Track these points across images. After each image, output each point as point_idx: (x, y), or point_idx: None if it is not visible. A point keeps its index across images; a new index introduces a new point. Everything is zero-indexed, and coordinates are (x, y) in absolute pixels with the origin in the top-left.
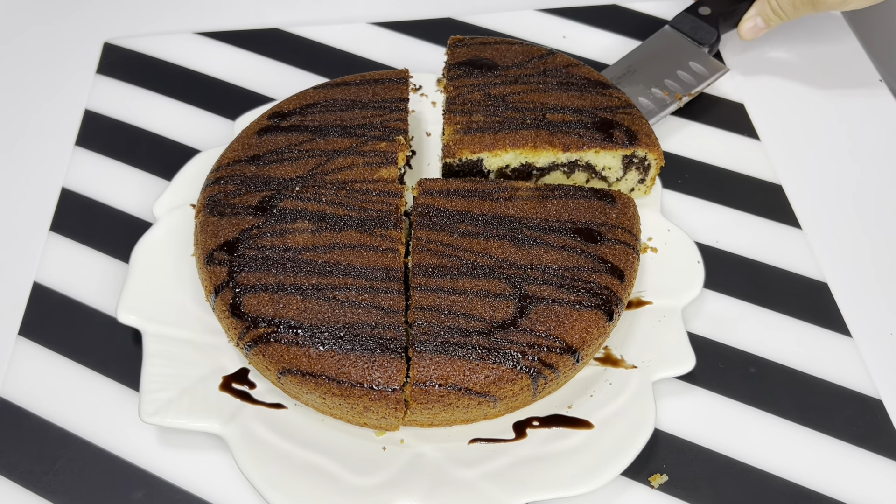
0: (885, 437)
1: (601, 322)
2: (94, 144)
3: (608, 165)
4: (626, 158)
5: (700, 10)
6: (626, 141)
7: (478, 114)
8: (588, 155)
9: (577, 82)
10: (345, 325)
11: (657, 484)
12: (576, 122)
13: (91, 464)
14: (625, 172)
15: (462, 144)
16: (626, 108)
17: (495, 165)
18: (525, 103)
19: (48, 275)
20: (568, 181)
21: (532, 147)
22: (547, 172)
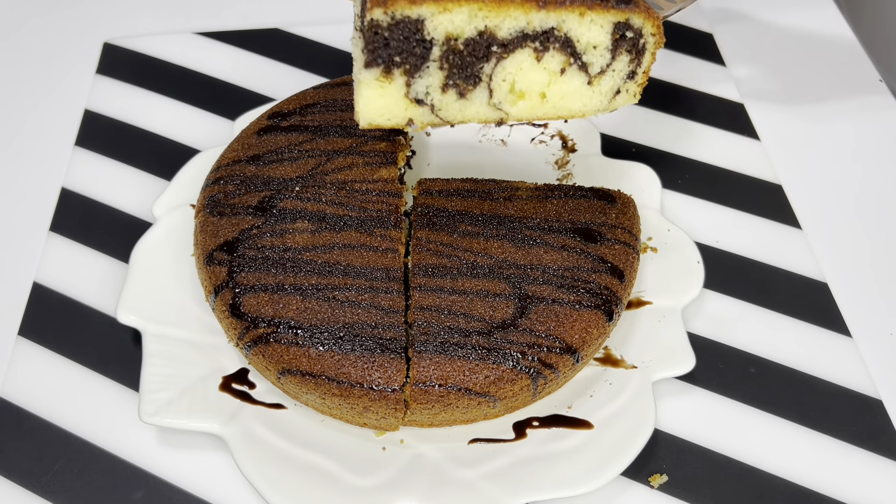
0: (885, 438)
1: (601, 322)
2: (93, 144)
3: (593, 42)
4: (617, 29)
5: None
6: (619, 1)
7: None
8: (570, 18)
9: None
10: (344, 326)
11: (657, 484)
12: None
13: (91, 464)
14: (613, 56)
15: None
16: None
17: (442, 30)
18: None
19: (48, 275)
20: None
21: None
22: (511, 49)
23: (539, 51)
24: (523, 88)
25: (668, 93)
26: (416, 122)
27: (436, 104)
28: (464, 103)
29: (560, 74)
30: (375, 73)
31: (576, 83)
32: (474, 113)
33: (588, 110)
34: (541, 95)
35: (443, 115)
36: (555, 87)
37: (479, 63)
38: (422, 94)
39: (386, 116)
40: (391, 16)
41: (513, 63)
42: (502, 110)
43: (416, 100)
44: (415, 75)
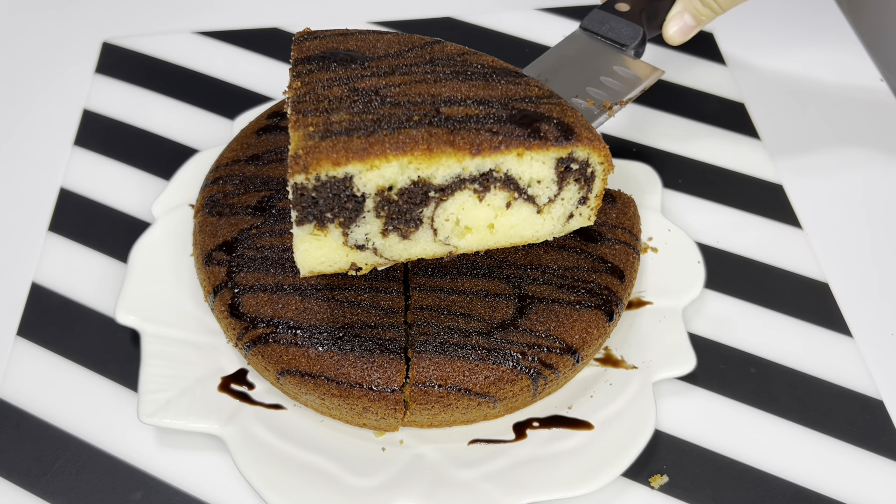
0: (886, 438)
1: (601, 322)
2: (92, 144)
3: (536, 177)
4: (561, 163)
5: (617, 7)
6: (559, 136)
7: (340, 112)
8: (507, 160)
9: (478, 71)
10: (344, 326)
11: (657, 485)
12: (485, 116)
13: (90, 465)
14: (560, 187)
15: (319, 153)
16: (550, 99)
17: (373, 185)
18: (409, 96)
19: (46, 275)
20: (480, 207)
21: (426, 151)
22: (450, 193)
23: (479, 191)
24: (469, 225)
25: (668, 92)
26: (359, 264)
27: (378, 248)
28: (408, 243)
29: (506, 208)
30: (308, 228)
31: (524, 214)
32: (421, 250)
33: (541, 235)
34: (489, 227)
35: (388, 255)
36: (502, 219)
37: (417, 208)
38: (361, 240)
39: (327, 264)
40: (316, 178)
41: (454, 204)
42: (450, 245)
43: (357, 245)
44: (350, 226)
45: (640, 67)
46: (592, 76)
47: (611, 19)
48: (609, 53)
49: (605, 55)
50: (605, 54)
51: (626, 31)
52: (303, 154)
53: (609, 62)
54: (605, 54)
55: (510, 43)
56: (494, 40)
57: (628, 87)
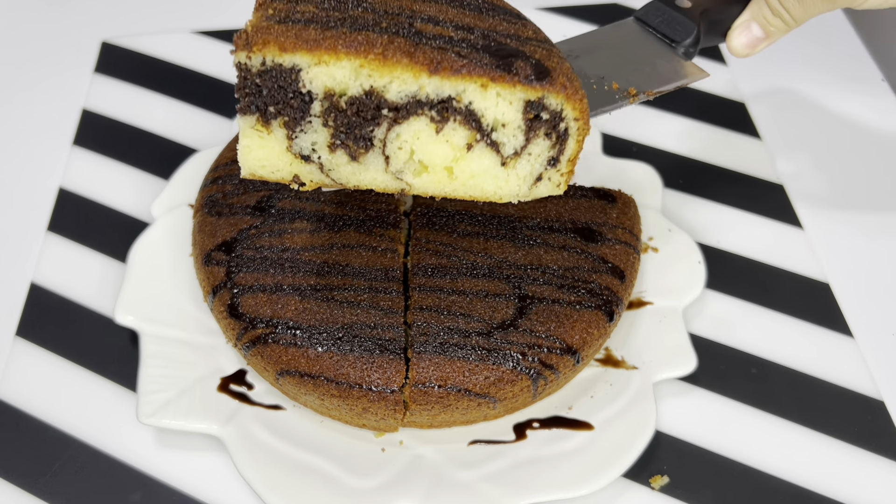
0: (887, 438)
1: (602, 322)
2: (91, 144)
3: (501, 119)
4: (529, 108)
5: (677, 1)
6: (531, 75)
7: (308, 3)
8: (469, 88)
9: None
10: (343, 326)
11: (658, 486)
12: (459, 40)
13: (89, 465)
14: (528, 138)
15: (268, 34)
16: (541, 43)
17: (320, 83)
18: (387, 5)
19: (45, 275)
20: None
21: (380, 56)
22: (404, 116)
23: (437, 121)
24: (424, 160)
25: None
26: (303, 179)
27: (325, 164)
28: (357, 167)
29: (467, 150)
30: (251, 120)
31: (486, 163)
32: (371, 179)
33: (505, 194)
34: (447, 170)
35: (335, 176)
36: (462, 163)
37: (368, 125)
38: (307, 150)
39: (269, 169)
40: (260, 61)
41: (408, 130)
42: (403, 181)
43: (302, 156)
44: (296, 129)
45: (683, 66)
46: (628, 63)
47: (666, 12)
48: (655, 47)
49: (649, 47)
50: (650, 46)
51: (680, 28)
52: (251, 32)
53: (652, 54)
54: (650, 46)
55: None
56: None
57: (662, 81)
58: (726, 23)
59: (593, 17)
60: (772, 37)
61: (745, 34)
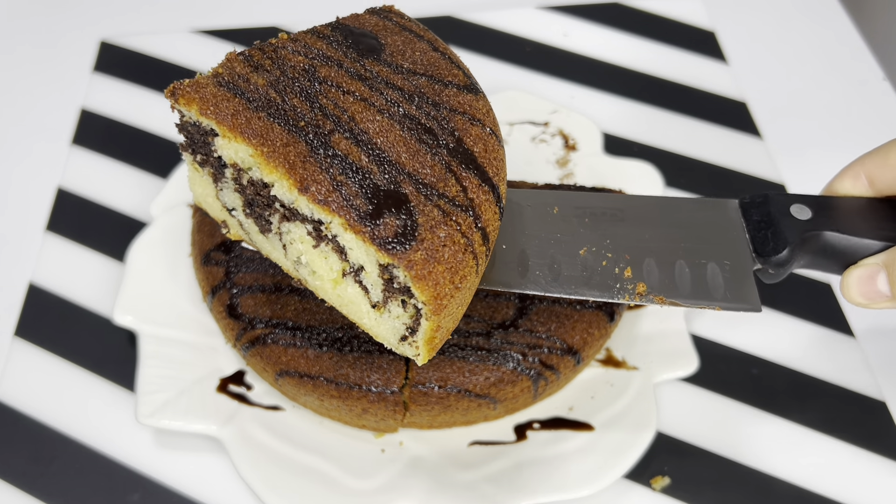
0: (889, 439)
1: (602, 322)
2: (90, 143)
3: (360, 262)
4: (384, 269)
5: (793, 209)
6: (388, 237)
7: (266, 75)
8: (334, 223)
9: (444, 140)
10: (343, 326)
11: (659, 486)
12: (357, 170)
13: (87, 466)
14: (385, 296)
15: (197, 93)
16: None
17: (228, 155)
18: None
19: (44, 276)
20: (317, 256)
21: (264, 155)
22: (291, 217)
23: (314, 237)
24: (315, 270)
25: (669, 90)
26: (230, 227)
27: (243, 224)
28: (265, 242)
29: (342, 276)
30: (189, 158)
31: (358, 297)
32: (277, 258)
33: (379, 333)
34: (333, 283)
35: (253, 239)
36: (341, 286)
37: (266, 210)
38: (230, 204)
39: (207, 206)
40: (181, 112)
41: (295, 231)
42: (300, 273)
43: (228, 208)
44: (218, 182)
45: (743, 288)
46: (676, 252)
47: (771, 215)
48: (732, 246)
49: (724, 244)
50: (726, 244)
51: (773, 242)
52: (186, 85)
53: (717, 254)
54: (726, 244)
55: (511, 41)
56: (495, 39)
57: (700, 295)
58: (849, 257)
59: (594, 17)
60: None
61: (868, 282)
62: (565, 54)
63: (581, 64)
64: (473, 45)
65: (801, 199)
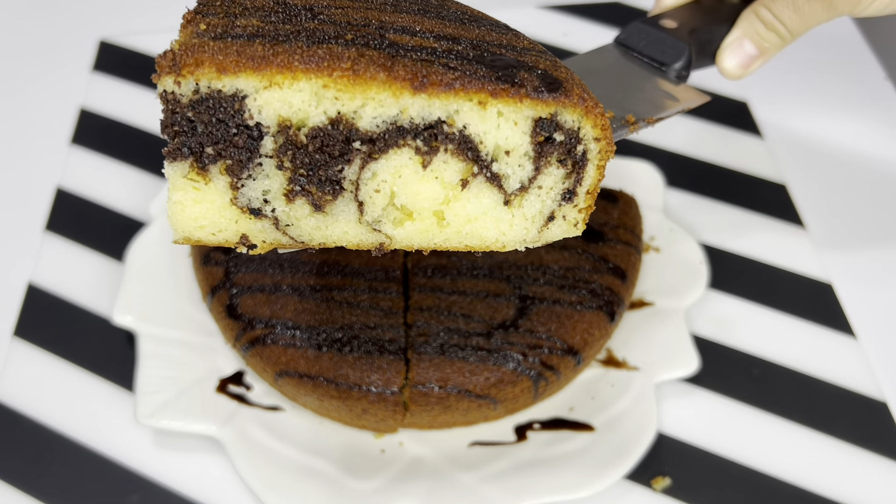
0: (890, 440)
1: (603, 323)
2: (89, 143)
3: (505, 145)
4: (540, 128)
5: (662, 22)
6: (541, 87)
7: (251, 17)
8: (464, 107)
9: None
10: (343, 327)
11: (660, 487)
12: (444, 51)
13: (86, 466)
14: (537, 167)
15: (201, 52)
16: (542, 53)
17: (273, 112)
18: (349, 17)
19: (43, 275)
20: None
21: (349, 72)
22: (382, 148)
23: (423, 152)
24: (408, 204)
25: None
26: (253, 240)
27: (281, 217)
28: (323, 219)
29: (461, 188)
30: (182, 168)
31: (485, 202)
32: (340, 234)
33: (509, 241)
34: (436, 216)
35: (294, 232)
36: (456, 205)
37: (335, 164)
38: (257, 201)
39: (208, 230)
40: (193, 88)
41: (386, 167)
42: (382, 232)
43: (251, 209)
44: (242, 175)
45: (680, 90)
46: (618, 90)
47: (652, 34)
48: (643, 71)
49: (638, 72)
50: (638, 71)
51: (670, 49)
52: (178, 51)
53: (642, 79)
54: (638, 71)
55: None
56: None
57: (659, 107)
58: (715, 42)
59: (594, 16)
60: (766, 53)
61: (738, 53)
62: (565, 54)
63: None
64: None
65: (657, 17)
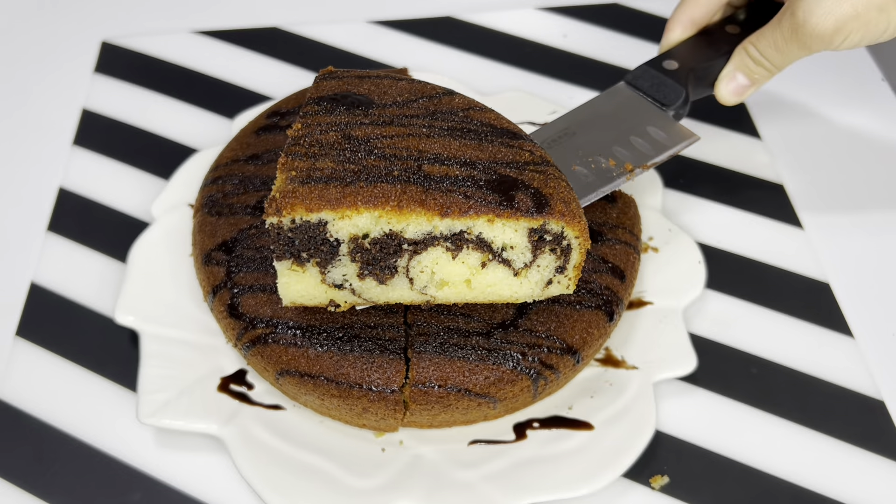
0: (887, 438)
1: (602, 322)
2: (91, 144)
3: (509, 243)
4: (534, 233)
5: (665, 64)
6: (532, 207)
7: (326, 159)
8: (478, 224)
9: (476, 129)
10: (343, 326)
11: (658, 485)
12: (464, 179)
13: (88, 465)
14: (535, 255)
15: (294, 198)
16: (539, 165)
17: (346, 233)
18: (397, 150)
19: (45, 275)
20: (454, 264)
21: (396, 208)
22: (423, 248)
23: (452, 249)
24: (444, 278)
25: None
26: (338, 302)
27: (356, 289)
28: (385, 289)
29: (481, 268)
30: (287, 264)
31: (500, 275)
32: (398, 296)
33: (520, 297)
34: (466, 283)
35: (366, 296)
36: (478, 278)
37: (391, 258)
38: (339, 280)
39: (307, 298)
40: (291, 220)
41: (427, 258)
42: (427, 294)
43: (335, 285)
44: (327, 267)
45: (675, 130)
46: (623, 135)
47: (655, 77)
48: (648, 111)
49: (642, 113)
50: (643, 112)
51: (669, 91)
52: (278, 197)
53: (645, 121)
54: (643, 112)
55: (510, 42)
56: (494, 39)
57: (657, 151)
58: (713, 76)
59: (593, 18)
60: (756, 83)
61: (732, 84)
62: (565, 55)
63: (581, 65)
64: (473, 45)
65: (662, 57)
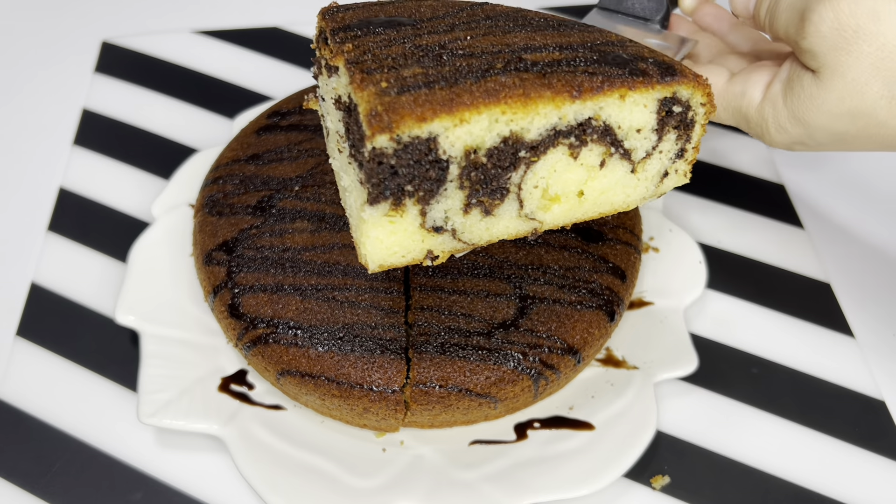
0: (888, 439)
1: (602, 322)
2: (92, 144)
3: (636, 125)
4: (663, 106)
5: None
6: (662, 73)
7: (412, 67)
8: (609, 104)
9: (543, 23)
10: (344, 326)
11: (659, 485)
12: (574, 59)
13: (89, 465)
14: (660, 136)
15: (401, 108)
16: (633, 43)
17: (461, 146)
18: (482, 47)
19: (46, 275)
20: (573, 168)
21: (522, 97)
22: (542, 152)
23: (575, 146)
24: (558, 192)
25: None
26: (436, 252)
27: (458, 228)
28: (490, 221)
29: (599, 168)
30: (384, 208)
31: (617, 174)
32: (503, 229)
33: (633, 201)
34: (578, 195)
35: (467, 237)
36: (593, 182)
37: (505, 173)
38: (440, 220)
39: (400, 254)
40: (397, 140)
41: (545, 166)
42: (535, 219)
43: (435, 228)
44: (430, 201)
45: (671, 37)
46: None
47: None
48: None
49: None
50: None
51: (649, 4)
52: (382, 111)
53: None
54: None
55: None
56: None
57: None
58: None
59: None
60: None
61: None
62: None
63: None
64: None
65: None
